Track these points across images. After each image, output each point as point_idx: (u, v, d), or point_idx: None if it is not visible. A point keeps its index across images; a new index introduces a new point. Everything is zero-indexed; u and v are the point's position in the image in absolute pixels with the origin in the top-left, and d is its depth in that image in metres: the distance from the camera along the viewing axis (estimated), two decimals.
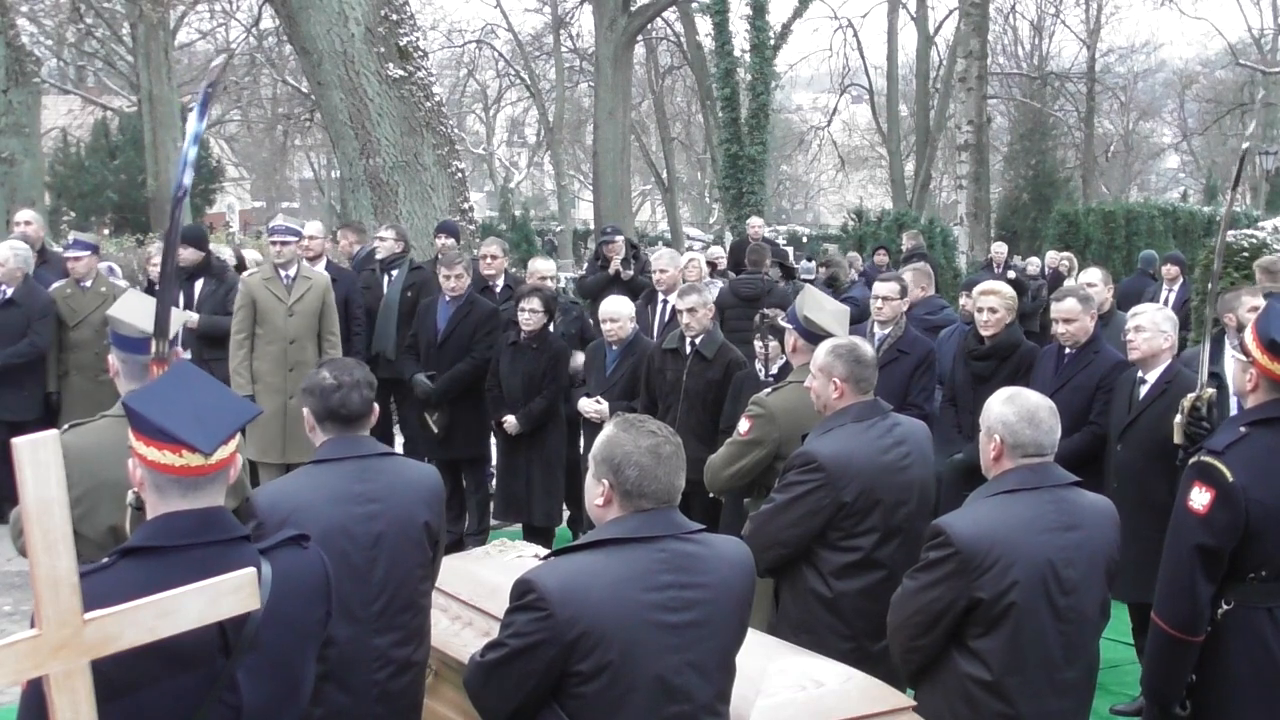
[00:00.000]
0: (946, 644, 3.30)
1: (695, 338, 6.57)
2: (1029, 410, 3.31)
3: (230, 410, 2.34)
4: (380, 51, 10.98)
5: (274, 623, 2.27)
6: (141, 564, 2.21)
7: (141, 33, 22.97)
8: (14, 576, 7.02)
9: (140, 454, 2.28)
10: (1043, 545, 3.23)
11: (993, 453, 3.35)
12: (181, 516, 2.27)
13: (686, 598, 2.61)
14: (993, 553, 3.18)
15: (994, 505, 3.29)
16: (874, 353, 4.29)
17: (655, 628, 2.58)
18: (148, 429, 2.25)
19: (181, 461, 2.24)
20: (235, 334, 7.53)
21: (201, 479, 2.28)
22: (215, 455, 2.26)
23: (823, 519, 3.90)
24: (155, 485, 2.29)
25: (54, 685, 1.99)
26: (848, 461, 3.90)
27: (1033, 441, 3.29)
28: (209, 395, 2.34)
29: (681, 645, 2.60)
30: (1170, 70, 43.50)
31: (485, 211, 35.94)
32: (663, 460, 2.64)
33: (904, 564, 3.70)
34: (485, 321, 7.59)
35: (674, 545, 2.64)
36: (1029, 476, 3.30)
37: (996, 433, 3.33)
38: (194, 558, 2.22)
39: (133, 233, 19.05)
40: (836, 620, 3.94)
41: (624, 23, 25.41)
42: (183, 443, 2.23)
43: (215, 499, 2.31)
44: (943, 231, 20.77)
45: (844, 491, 3.88)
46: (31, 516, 1.98)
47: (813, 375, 4.16)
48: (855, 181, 43.97)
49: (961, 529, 3.23)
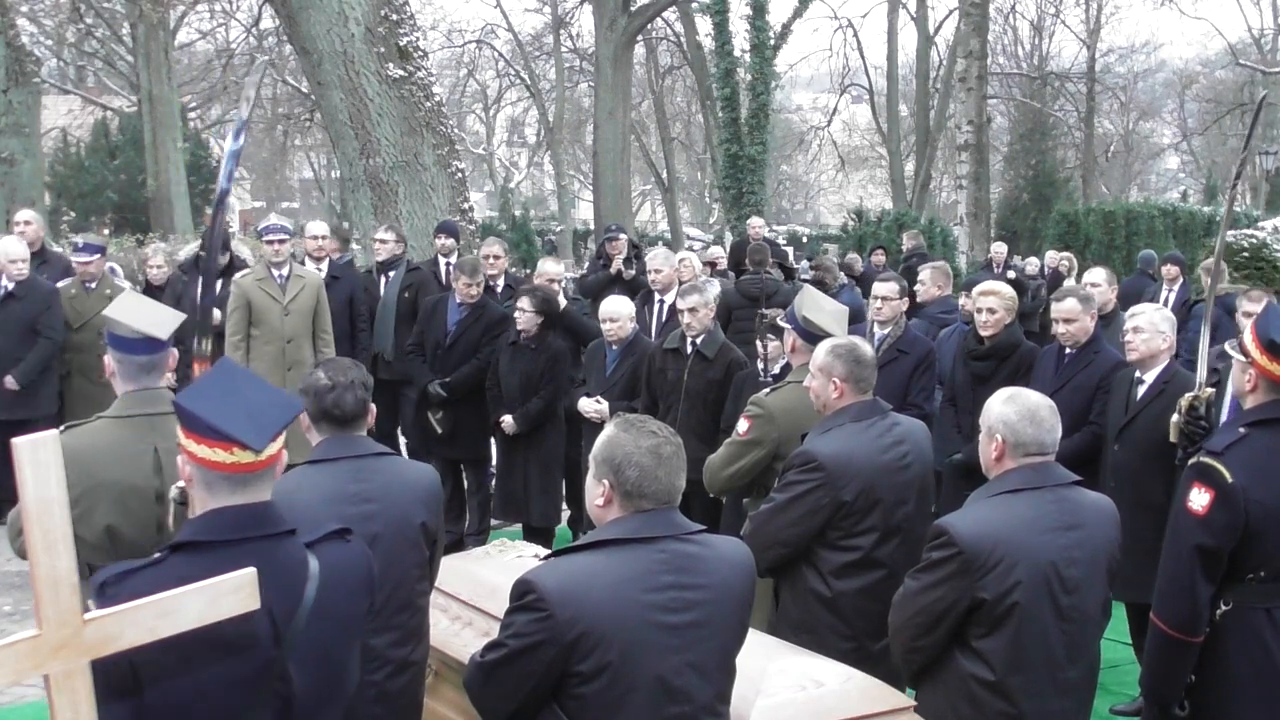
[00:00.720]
0: (949, 644, 3.30)
1: (696, 337, 6.57)
2: (1030, 409, 3.31)
3: (279, 406, 2.38)
4: (380, 51, 10.98)
5: (321, 615, 2.32)
6: (192, 558, 2.25)
7: (141, 33, 22.98)
8: (14, 576, 7.02)
9: (190, 451, 2.31)
10: (1045, 545, 3.23)
11: (994, 453, 3.35)
12: (230, 512, 2.31)
13: (687, 598, 2.61)
14: (996, 553, 3.17)
15: (996, 505, 3.29)
16: (873, 352, 4.29)
17: (655, 628, 2.58)
18: (199, 426, 2.29)
19: (232, 459, 2.28)
20: (231, 335, 7.52)
21: (250, 475, 2.31)
22: (265, 451, 2.30)
23: (822, 518, 3.90)
24: (205, 481, 2.32)
25: (54, 685, 2.00)
26: (847, 461, 3.90)
27: (1034, 440, 3.29)
28: (257, 392, 2.38)
29: (682, 646, 2.60)
30: (1170, 70, 43.52)
31: (485, 211, 35.95)
32: (663, 461, 2.64)
33: (904, 563, 3.70)
34: (495, 326, 7.59)
35: (674, 546, 2.64)
36: (1031, 476, 3.30)
37: (998, 432, 3.33)
38: (243, 552, 2.25)
39: (133, 233, 19.05)
40: (837, 620, 3.94)
41: (624, 23, 25.42)
42: (234, 440, 2.26)
43: (263, 494, 2.35)
44: (943, 231, 20.80)
45: (844, 491, 3.88)
46: (31, 516, 1.99)
47: (812, 375, 4.16)
48: (855, 181, 43.97)
49: (964, 529, 3.23)
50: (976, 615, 3.23)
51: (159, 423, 3.53)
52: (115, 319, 3.56)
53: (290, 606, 2.27)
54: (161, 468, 3.49)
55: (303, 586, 2.31)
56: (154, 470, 3.48)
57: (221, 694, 2.22)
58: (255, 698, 2.24)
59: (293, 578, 2.31)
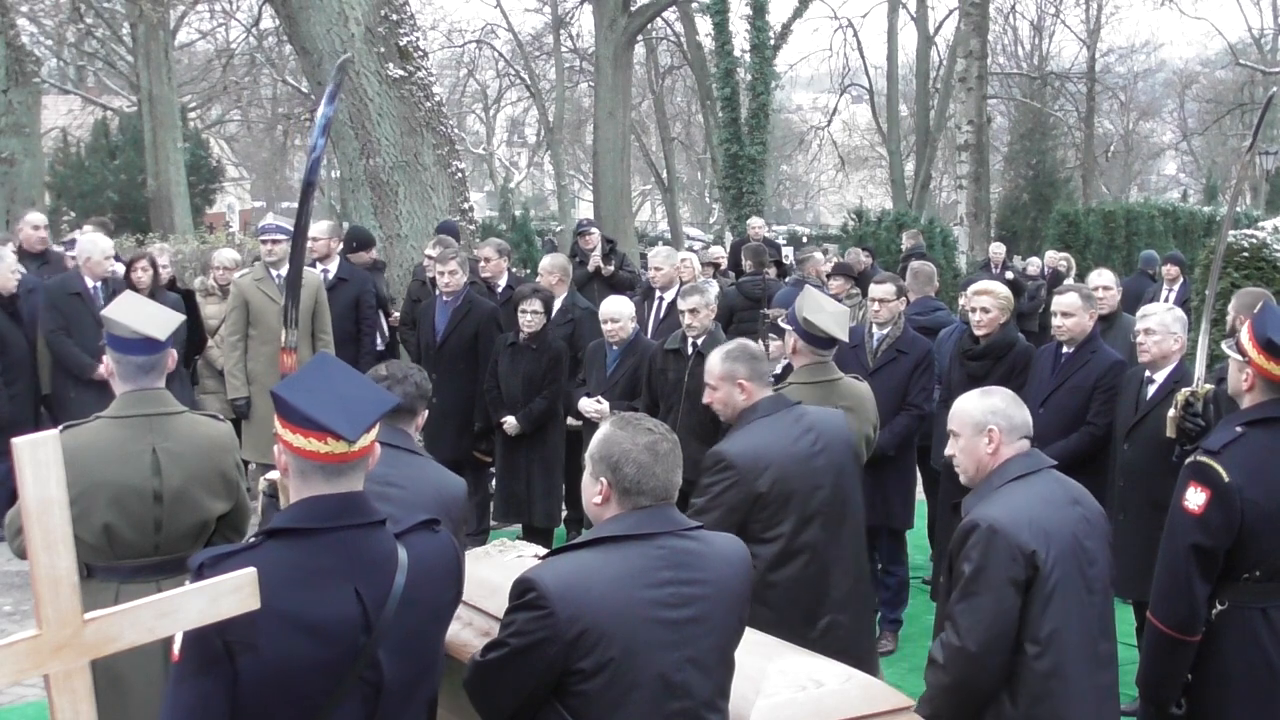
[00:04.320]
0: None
1: (697, 338, 6.57)
2: (1008, 395, 3.41)
3: (372, 400, 2.44)
4: (380, 51, 10.98)
5: (410, 604, 2.36)
6: (288, 545, 2.31)
7: (141, 33, 22.96)
8: (14, 576, 7.02)
9: (287, 441, 2.37)
10: (1066, 520, 3.27)
11: (989, 446, 3.36)
12: (325, 500, 2.36)
13: (686, 594, 2.62)
14: (1036, 537, 3.19)
15: (1016, 492, 3.29)
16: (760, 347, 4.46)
17: (655, 624, 2.59)
18: (295, 417, 2.35)
19: (327, 449, 2.34)
20: (229, 336, 7.51)
21: (344, 465, 2.37)
22: (359, 443, 2.35)
23: (743, 513, 3.97)
24: (300, 471, 2.38)
25: (54, 685, 2.00)
26: (756, 455, 3.99)
27: (1024, 422, 3.37)
28: (351, 385, 2.44)
29: (681, 641, 2.61)
30: (1170, 70, 43.51)
31: (485, 211, 35.93)
32: (660, 458, 2.66)
33: (825, 545, 3.95)
34: (486, 322, 7.58)
35: (672, 542, 2.65)
36: (1029, 461, 3.35)
37: (990, 424, 3.35)
38: (336, 539, 2.33)
39: (133, 233, 19.05)
40: (767, 609, 3.98)
41: (624, 23, 25.39)
42: (329, 430, 2.32)
43: (356, 484, 2.40)
44: (943, 231, 20.76)
45: (758, 483, 3.97)
46: (31, 516, 1.99)
47: (712, 388, 4.25)
48: (855, 181, 43.94)
49: (1003, 521, 3.21)
50: (1030, 596, 3.21)
51: (157, 423, 3.54)
52: (114, 319, 3.57)
53: (380, 595, 2.32)
54: (160, 468, 3.50)
55: (392, 575, 2.35)
56: (152, 470, 3.49)
57: (311, 677, 2.26)
58: (344, 683, 2.28)
59: (383, 567, 2.36)
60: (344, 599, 2.29)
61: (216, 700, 2.20)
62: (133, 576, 3.48)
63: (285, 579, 2.24)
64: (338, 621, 2.28)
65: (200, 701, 2.20)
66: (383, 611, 2.32)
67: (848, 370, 5.26)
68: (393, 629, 2.33)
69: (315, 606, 2.25)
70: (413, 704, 2.44)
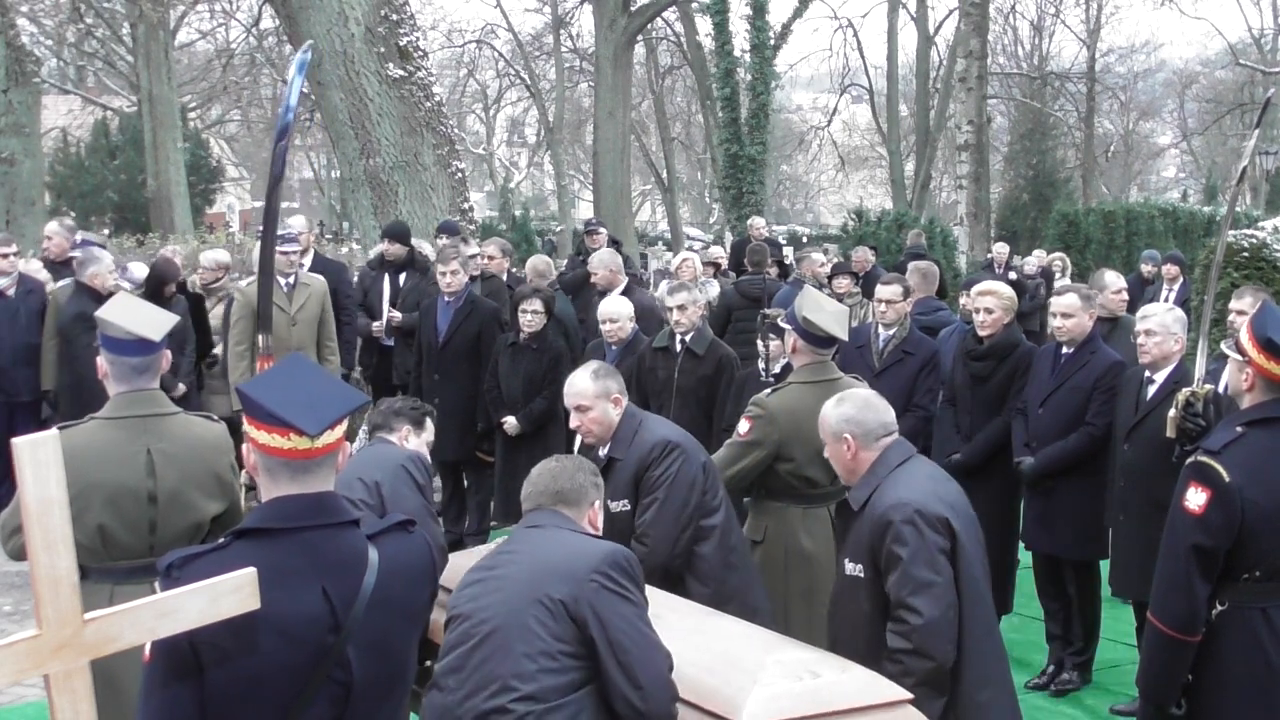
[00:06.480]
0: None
1: (685, 335, 6.59)
2: (862, 400, 3.70)
3: (339, 396, 2.44)
4: (380, 51, 10.99)
5: (381, 604, 2.36)
6: (256, 545, 2.30)
7: (141, 33, 22.98)
8: (14, 576, 7.02)
9: (252, 437, 2.38)
10: (952, 490, 3.65)
11: (849, 452, 3.62)
12: (294, 500, 2.36)
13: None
14: (945, 508, 3.51)
15: (907, 475, 3.58)
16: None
17: None
18: (259, 413, 2.35)
19: (289, 444, 2.33)
20: (235, 345, 7.42)
21: (309, 462, 2.36)
22: (322, 439, 2.35)
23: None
24: (266, 468, 2.39)
25: (54, 685, 2.00)
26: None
27: (880, 424, 3.63)
28: (319, 383, 2.45)
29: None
30: (1170, 70, 43.49)
31: (485, 211, 35.90)
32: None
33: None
34: (488, 322, 7.56)
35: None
36: (903, 449, 3.66)
37: (845, 432, 3.61)
38: (305, 540, 2.33)
39: (133, 233, 19.06)
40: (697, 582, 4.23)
41: (624, 23, 25.41)
42: (290, 425, 2.32)
43: (325, 483, 2.40)
44: (943, 231, 20.73)
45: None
46: (31, 516, 1.99)
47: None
48: (855, 181, 43.94)
49: (918, 500, 3.48)
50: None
51: (152, 424, 3.53)
52: (108, 320, 3.56)
53: (349, 594, 2.32)
54: (154, 469, 3.50)
55: (362, 575, 2.35)
56: (146, 471, 3.48)
57: (280, 678, 2.26)
58: (313, 683, 2.28)
59: (352, 566, 2.36)
60: (311, 598, 2.29)
61: (185, 703, 2.22)
62: (127, 578, 3.47)
63: None
64: (305, 621, 2.28)
65: (169, 705, 2.21)
66: (351, 610, 2.32)
67: (853, 371, 5.26)
68: (362, 628, 2.32)
69: (283, 606, 2.24)
70: (386, 705, 2.43)
